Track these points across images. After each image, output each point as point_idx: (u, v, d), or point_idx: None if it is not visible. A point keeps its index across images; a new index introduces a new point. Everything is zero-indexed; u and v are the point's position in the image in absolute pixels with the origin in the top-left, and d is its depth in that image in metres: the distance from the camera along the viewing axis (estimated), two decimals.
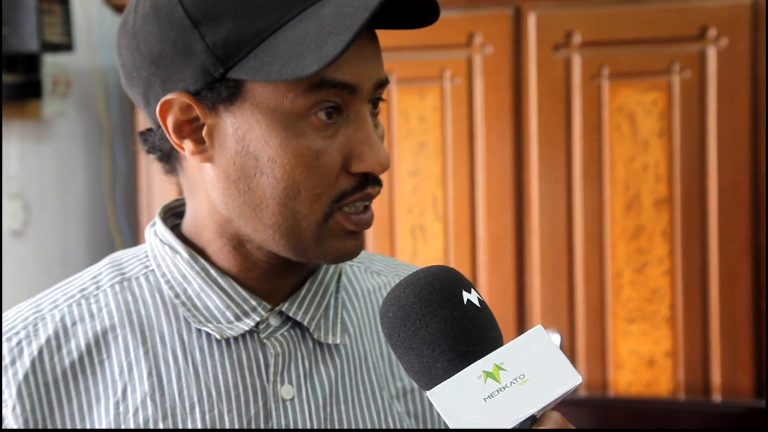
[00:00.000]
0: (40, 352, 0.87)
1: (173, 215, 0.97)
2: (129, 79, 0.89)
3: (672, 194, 2.11)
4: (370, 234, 2.26)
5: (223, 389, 0.88)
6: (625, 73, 2.13)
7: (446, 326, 0.75)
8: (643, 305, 2.13)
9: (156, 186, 2.35)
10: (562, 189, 2.16)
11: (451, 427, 0.72)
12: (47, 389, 0.87)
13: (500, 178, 2.19)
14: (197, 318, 0.89)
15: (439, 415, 0.95)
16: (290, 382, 0.89)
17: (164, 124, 0.86)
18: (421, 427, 0.94)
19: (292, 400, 0.89)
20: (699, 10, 2.10)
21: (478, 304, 0.76)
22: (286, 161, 0.83)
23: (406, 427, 0.94)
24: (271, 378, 0.89)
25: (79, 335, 0.89)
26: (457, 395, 0.72)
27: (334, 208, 0.85)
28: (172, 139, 0.86)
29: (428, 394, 0.74)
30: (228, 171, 0.85)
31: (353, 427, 0.91)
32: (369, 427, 0.91)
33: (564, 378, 0.74)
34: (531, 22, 2.16)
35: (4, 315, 0.92)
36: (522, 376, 0.73)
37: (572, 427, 0.76)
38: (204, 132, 0.85)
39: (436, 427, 0.96)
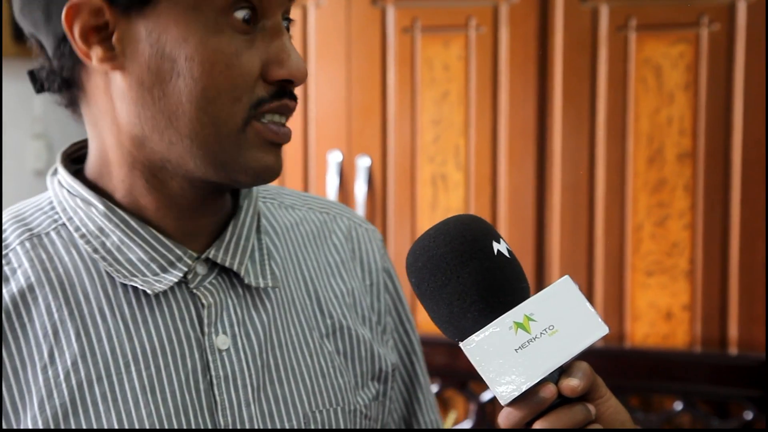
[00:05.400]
0: None
1: (72, 161, 0.91)
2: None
3: (696, 148, 2.10)
4: (391, 181, 2.27)
5: (157, 345, 0.84)
6: (653, 24, 2.11)
7: (478, 277, 0.74)
8: (662, 258, 2.13)
9: None
10: (585, 141, 2.15)
11: (483, 377, 0.73)
12: None
13: (523, 129, 2.18)
14: (121, 273, 0.84)
15: (365, 352, 0.96)
16: (224, 332, 0.87)
17: (70, 31, 0.81)
18: (349, 362, 0.94)
19: (228, 350, 0.86)
20: None
21: (508, 255, 0.76)
22: (205, 58, 0.79)
23: (336, 366, 0.92)
24: (206, 329, 0.86)
25: None
26: (489, 346, 0.73)
27: (252, 114, 0.82)
28: (78, 46, 0.81)
29: (461, 345, 0.74)
30: (141, 77, 0.81)
31: (290, 370, 0.89)
32: (304, 368, 0.90)
33: (591, 329, 0.75)
34: None
35: None
36: (551, 327, 0.74)
37: (598, 376, 0.77)
38: (114, 38, 0.81)
39: (361, 362, 0.96)
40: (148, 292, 0.84)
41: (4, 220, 0.88)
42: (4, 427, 0.80)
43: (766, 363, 2.02)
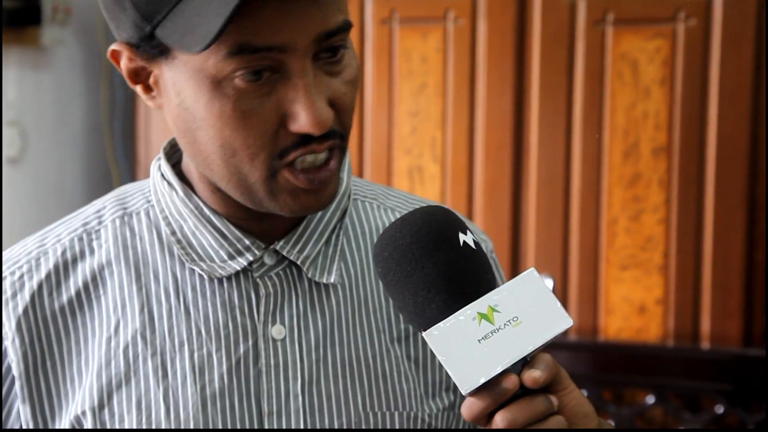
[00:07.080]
0: (40, 287, 0.89)
1: (177, 151, 0.95)
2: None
3: (671, 143, 2.11)
4: (367, 174, 2.27)
5: (212, 328, 0.88)
6: (630, 19, 2.11)
7: (442, 268, 0.75)
8: (636, 252, 2.14)
9: (154, 117, 2.34)
10: (562, 134, 2.16)
11: (445, 367, 0.73)
12: (45, 324, 0.88)
13: (500, 122, 2.18)
14: (190, 256, 0.89)
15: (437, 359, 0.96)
16: (282, 322, 0.89)
17: (120, 70, 0.87)
18: (420, 370, 0.93)
19: (283, 340, 0.88)
20: None
21: (473, 246, 0.77)
22: (213, 122, 0.81)
23: (403, 370, 0.92)
24: (262, 318, 0.88)
25: (77, 272, 0.90)
26: (452, 336, 0.73)
27: (278, 165, 0.82)
28: (129, 82, 0.87)
29: (424, 334, 0.74)
30: (174, 122, 0.85)
31: (347, 368, 0.90)
32: (364, 369, 0.91)
33: (555, 321, 0.75)
34: None
35: (10, 249, 0.94)
36: (515, 319, 0.74)
37: (562, 368, 0.77)
38: (151, 80, 0.86)
39: (435, 371, 0.94)
40: (208, 277, 0.88)
41: (108, 197, 0.95)
42: (69, 387, 0.88)
43: (738, 357, 2.04)
